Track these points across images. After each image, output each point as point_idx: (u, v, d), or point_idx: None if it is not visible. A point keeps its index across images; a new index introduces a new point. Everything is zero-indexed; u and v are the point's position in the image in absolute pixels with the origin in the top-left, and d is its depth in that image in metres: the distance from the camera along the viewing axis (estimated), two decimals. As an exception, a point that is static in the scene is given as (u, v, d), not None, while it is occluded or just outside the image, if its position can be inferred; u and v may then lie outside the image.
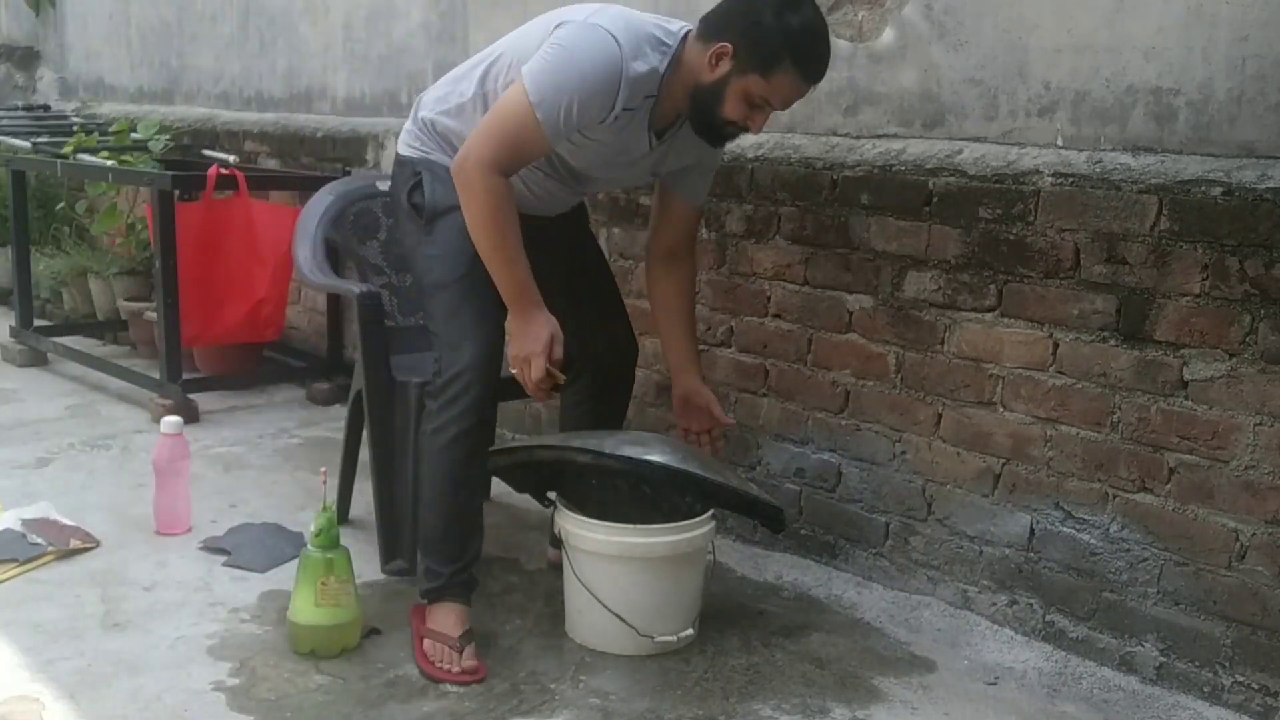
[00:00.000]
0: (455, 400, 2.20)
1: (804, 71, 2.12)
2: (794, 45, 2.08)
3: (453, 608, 2.29)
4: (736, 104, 2.13)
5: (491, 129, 2.13)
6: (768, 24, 2.07)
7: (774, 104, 2.15)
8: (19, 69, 6.44)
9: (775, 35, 2.07)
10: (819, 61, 2.14)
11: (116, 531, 2.86)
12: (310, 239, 2.90)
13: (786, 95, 2.15)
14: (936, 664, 2.37)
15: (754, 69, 2.09)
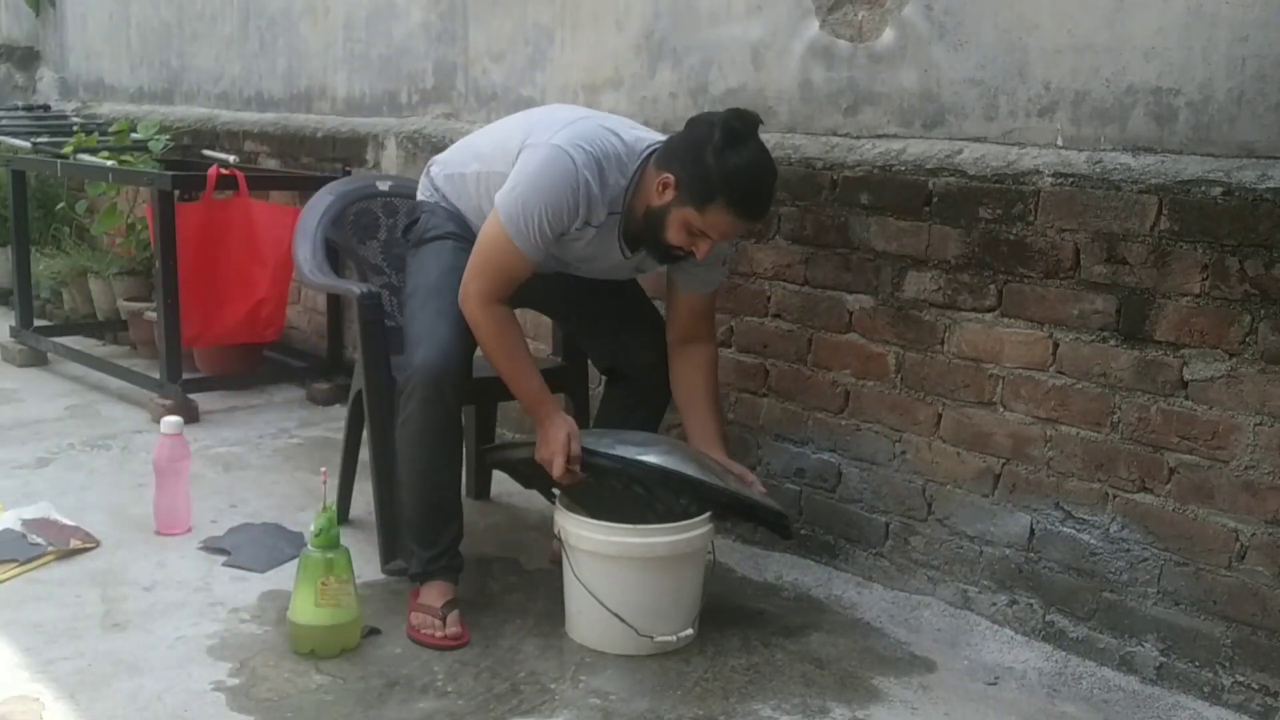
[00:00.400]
0: (411, 395, 2.34)
1: (737, 211, 2.22)
2: (729, 186, 2.18)
3: (438, 584, 2.42)
4: (678, 231, 2.26)
5: (478, 263, 2.33)
6: (707, 162, 2.19)
7: (711, 236, 2.25)
8: (19, 69, 6.44)
9: (713, 174, 2.18)
10: (754, 202, 2.24)
11: (116, 531, 2.86)
12: (310, 239, 2.90)
13: (723, 230, 2.25)
14: (936, 664, 2.37)
15: (691, 202, 2.21)
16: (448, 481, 2.43)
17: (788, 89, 2.81)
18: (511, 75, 3.56)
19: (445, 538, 2.44)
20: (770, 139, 2.81)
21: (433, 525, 2.43)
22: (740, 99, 2.91)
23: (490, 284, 2.33)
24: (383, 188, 3.10)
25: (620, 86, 3.22)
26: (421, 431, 2.36)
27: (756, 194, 2.24)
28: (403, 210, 3.08)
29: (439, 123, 3.83)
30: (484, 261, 2.33)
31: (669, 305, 2.58)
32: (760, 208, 2.27)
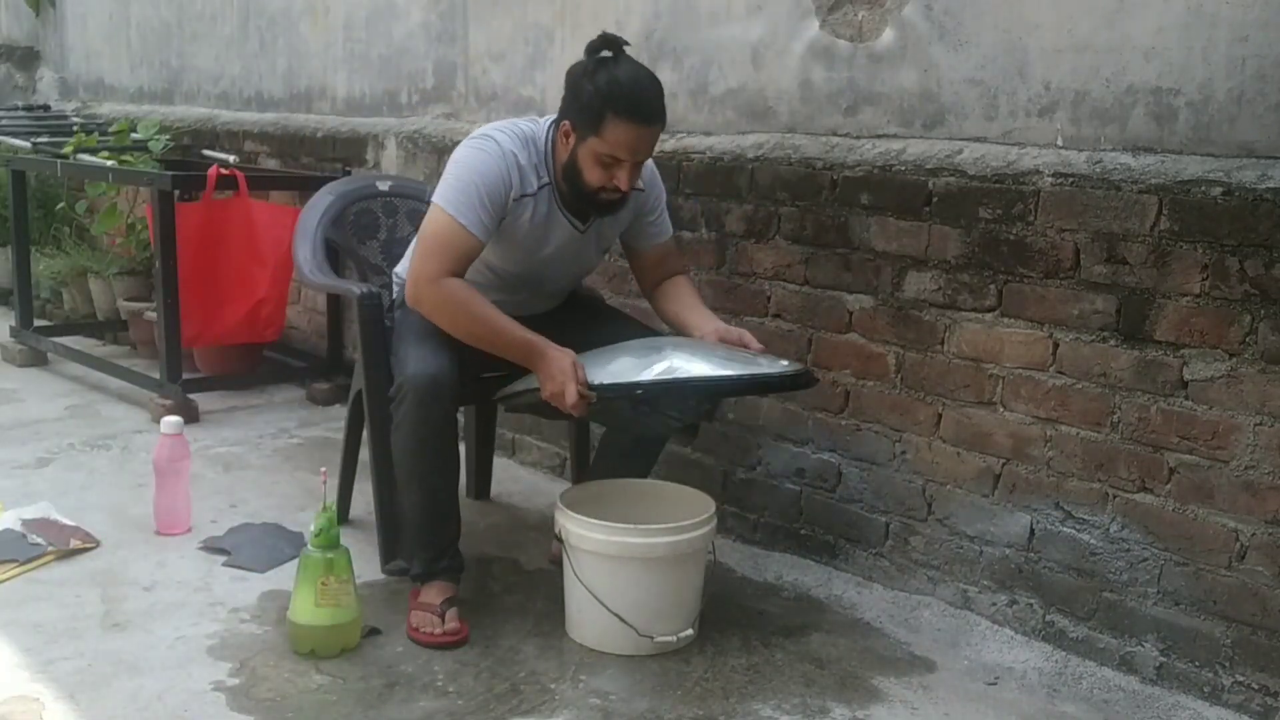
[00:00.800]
0: (404, 400, 2.34)
1: (629, 117, 2.26)
2: (612, 97, 2.26)
3: (437, 584, 2.44)
4: (592, 169, 2.32)
5: (425, 249, 2.37)
6: (585, 89, 2.29)
7: (621, 156, 2.29)
8: (19, 69, 6.44)
9: (593, 97, 2.27)
10: (640, 103, 2.28)
11: (116, 531, 2.86)
12: (310, 239, 2.91)
13: (628, 144, 2.28)
14: (936, 664, 2.37)
15: (589, 131, 2.29)
16: (443, 484, 2.42)
17: (788, 89, 2.81)
18: (511, 75, 3.56)
19: (444, 538, 2.45)
20: (770, 139, 2.83)
21: (430, 527, 2.44)
22: (740, 99, 2.91)
23: (440, 262, 2.34)
24: (383, 188, 3.10)
25: (620, 86, 3.22)
26: (415, 435, 2.35)
27: (639, 96, 2.29)
28: (403, 210, 3.09)
29: (439, 123, 3.83)
30: (430, 245, 2.35)
31: (636, 270, 2.66)
32: (649, 107, 2.30)
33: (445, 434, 2.39)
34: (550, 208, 2.43)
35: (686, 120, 3.05)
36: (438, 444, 2.38)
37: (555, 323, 2.54)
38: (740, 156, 2.87)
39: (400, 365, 2.40)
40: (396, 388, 2.37)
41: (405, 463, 2.41)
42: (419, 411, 2.33)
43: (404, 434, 2.37)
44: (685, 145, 3.01)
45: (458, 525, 2.49)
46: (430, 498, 2.42)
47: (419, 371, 2.33)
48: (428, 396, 2.32)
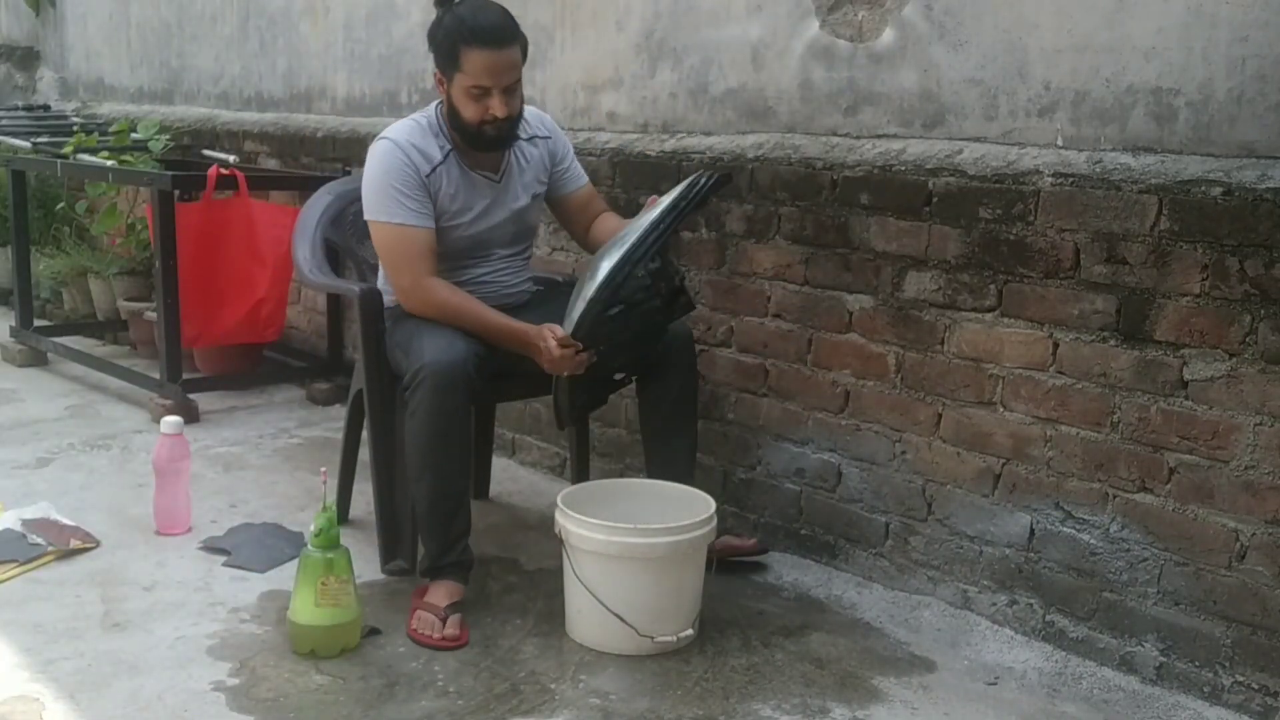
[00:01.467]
0: (420, 385, 2.37)
1: (479, 43, 2.41)
2: (459, 31, 2.42)
3: (445, 584, 2.44)
4: (466, 104, 2.46)
5: (390, 262, 2.55)
6: (437, 34, 2.48)
7: (485, 83, 2.43)
8: (19, 69, 6.44)
9: (448, 35, 2.45)
10: (486, 29, 2.42)
11: (116, 531, 2.86)
12: (309, 239, 2.90)
13: (485, 68, 2.42)
14: (936, 664, 2.37)
15: (452, 69, 2.46)
16: (455, 474, 2.43)
17: (788, 89, 2.81)
18: (511, 75, 3.56)
19: (455, 529, 2.44)
20: (770, 139, 2.83)
21: (442, 516, 2.43)
22: (740, 99, 2.91)
23: (411, 267, 2.50)
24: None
25: (620, 86, 3.22)
26: (431, 422, 2.36)
27: (484, 23, 2.42)
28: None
29: (439, 123, 3.82)
30: (392, 256, 2.53)
31: (566, 222, 2.82)
32: (495, 30, 2.43)
33: (461, 423, 2.41)
34: (460, 169, 2.57)
35: (686, 120, 3.05)
36: (452, 432, 2.39)
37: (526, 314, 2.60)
38: (740, 156, 2.87)
39: (417, 353, 2.41)
40: (413, 374, 2.38)
41: (419, 450, 2.41)
42: (436, 398, 2.34)
43: (419, 421, 2.37)
44: (685, 145, 3.01)
45: (468, 519, 2.48)
46: (442, 487, 2.42)
47: (438, 358, 2.35)
48: (445, 383, 2.34)
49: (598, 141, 3.24)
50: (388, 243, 2.52)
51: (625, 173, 3.14)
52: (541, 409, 3.42)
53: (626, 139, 3.19)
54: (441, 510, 2.43)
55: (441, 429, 2.37)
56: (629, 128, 3.22)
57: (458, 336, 2.43)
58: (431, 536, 2.46)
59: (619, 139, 3.21)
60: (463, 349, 2.39)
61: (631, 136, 3.18)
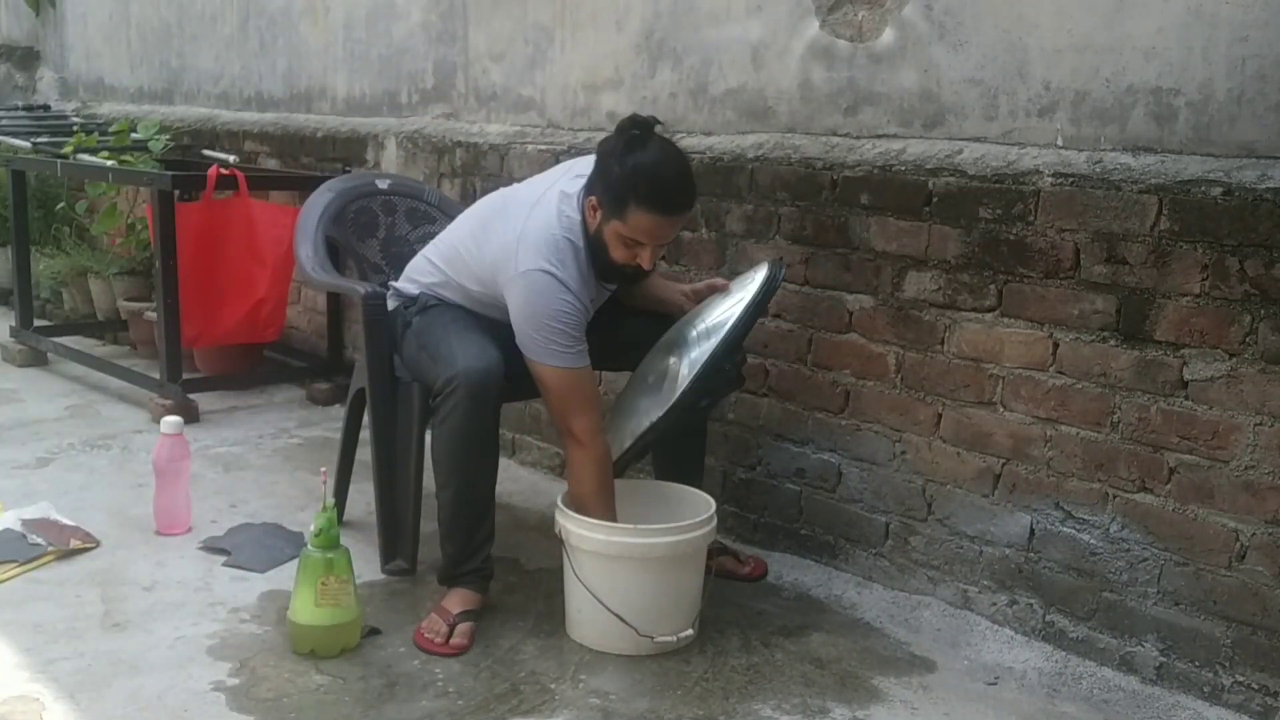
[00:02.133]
0: (453, 394, 2.34)
1: (653, 208, 2.26)
2: (636, 187, 2.25)
3: (462, 592, 2.43)
4: (617, 248, 2.33)
5: (564, 405, 2.36)
6: (614, 171, 2.28)
7: (643, 241, 2.30)
8: (19, 69, 6.44)
9: (619, 181, 2.27)
10: (666, 193, 2.28)
11: (116, 531, 2.86)
12: (311, 237, 2.90)
13: (649, 230, 2.28)
14: (936, 664, 2.37)
15: (614, 214, 2.29)
16: (483, 481, 2.43)
17: (788, 89, 2.81)
18: (511, 75, 3.56)
19: (476, 539, 2.43)
20: (770, 139, 2.83)
21: (466, 524, 2.42)
22: (740, 99, 2.91)
23: (588, 414, 2.36)
24: (382, 186, 3.10)
25: (620, 86, 3.22)
26: (463, 430, 2.34)
27: (666, 186, 2.28)
28: (401, 209, 3.09)
29: (439, 123, 3.83)
30: (569, 401, 2.36)
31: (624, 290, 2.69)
32: (674, 197, 2.30)
33: (492, 430, 2.40)
34: (598, 289, 2.48)
35: (686, 120, 3.05)
36: (483, 440, 2.39)
37: None
38: (740, 156, 2.87)
39: (448, 360, 2.38)
40: (447, 381, 2.35)
41: (449, 457, 2.38)
42: (470, 405, 2.32)
43: (450, 428, 2.35)
44: (685, 145, 3.01)
45: (492, 528, 2.46)
46: (468, 495, 2.41)
47: (472, 366, 2.33)
48: (481, 391, 2.32)
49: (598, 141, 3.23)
50: (561, 388, 2.35)
51: (625, 173, 3.13)
52: (541, 409, 3.42)
53: (626, 139, 3.19)
54: (466, 518, 2.42)
55: (473, 436, 2.36)
56: (629, 128, 3.21)
57: (489, 342, 2.40)
58: (453, 543, 2.44)
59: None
60: (495, 355, 2.37)
61: (631, 136, 3.18)
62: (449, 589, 2.44)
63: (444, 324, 2.50)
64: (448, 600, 2.41)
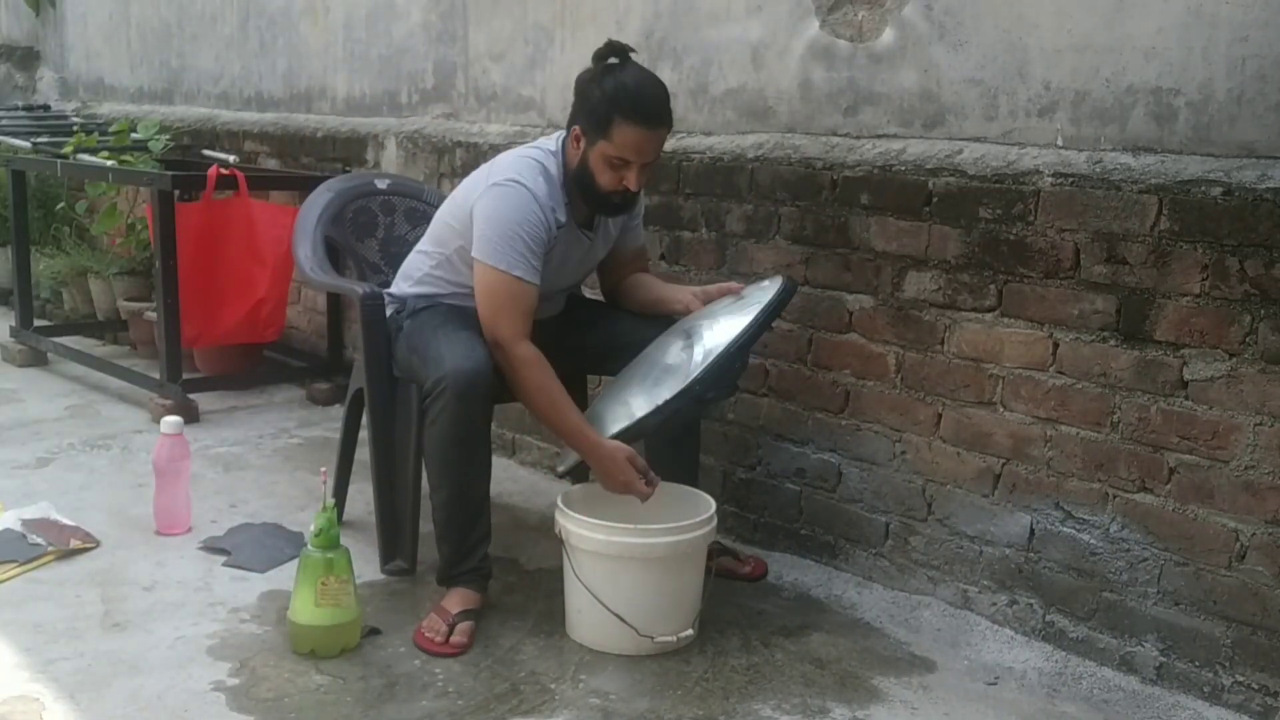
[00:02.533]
0: (442, 394, 2.34)
1: (637, 120, 2.34)
2: (619, 100, 2.34)
3: (462, 591, 2.43)
4: (603, 171, 2.39)
5: (493, 309, 2.40)
6: (593, 94, 2.38)
7: (629, 158, 2.36)
8: (19, 69, 6.44)
9: (603, 101, 2.35)
10: (647, 105, 2.36)
11: (116, 531, 2.86)
12: (310, 237, 2.90)
13: (635, 144, 2.35)
14: (936, 664, 2.37)
15: (599, 136, 2.37)
16: (476, 481, 2.43)
17: (788, 89, 2.81)
18: (511, 75, 3.56)
19: (472, 539, 2.43)
20: (770, 139, 2.83)
21: (461, 524, 2.42)
22: (740, 99, 2.91)
23: (513, 321, 2.39)
24: (381, 186, 3.10)
25: (620, 86, 3.22)
26: (453, 431, 2.34)
27: (646, 97, 2.36)
28: (400, 209, 3.09)
29: (439, 123, 3.83)
30: (497, 304, 2.41)
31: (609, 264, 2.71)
32: (656, 108, 2.37)
33: (482, 430, 2.40)
34: (573, 230, 2.52)
35: (686, 120, 3.05)
36: (474, 440, 2.39)
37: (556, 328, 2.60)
38: (740, 156, 2.87)
39: (436, 361, 2.39)
40: (435, 382, 2.35)
41: (440, 459, 2.39)
42: (459, 406, 2.33)
43: (440, 429, 2.36)
44: (685, 145, 3.01)
45: (488, 527, 2.47)
46: (462, 495, 2.41)
47: (460, 367, 2.33)
48: (469, 391, 2.32)
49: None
50: (497, 290, 2.40)
51: (625, 173, 3.13)
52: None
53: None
54: (461, 518, 2.42)
55: (464, 437, 2.36)
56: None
57: (476, 342, 2.41)
58: (448, 544, 2.44)
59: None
60: (483, 355, 2.37)
61: (631, 136, 3.18)
62: (448, 589, 2.44)
63: (433, 326, 2.51)
64: (447, 600, 2.41)
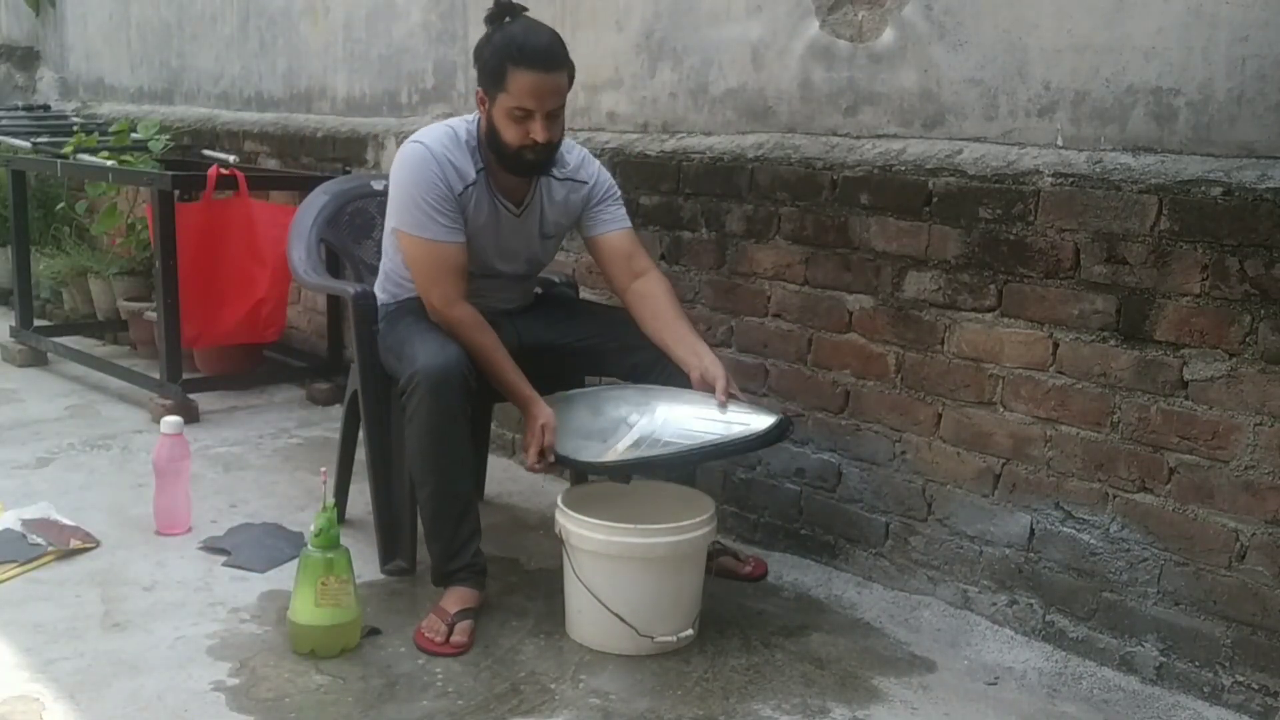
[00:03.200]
0: (415, 390, 2.36)
1: (529, 66, 2.35)
2: (508, 50, 2.35)
3: (457, 590, 2.43)
4: (506, 125, 2.40)
5: (420, 276, 2.49)
6: (484, 51, 2.40)
7: (529, 105, 2.36)
8: (19, 69, 6.45)
9: (493, 54, 2.38)
10: (536, 49, 2.36)
11: (116, 531, 2.86)
12: (305, 239, 2.90)
13: (530, 90, 2.36)
14: (936, 664, 2.37)
15: (497, 90, 2.38)
16: (458, 477, 2.42)
17: (788, 89, 2.81)
18: (511, 75, 3.56)
19: (462, 533, 2.43)
20: (770, 139, 2.83)
21: (449, 522, 2.42)
22: (740, 99, 2.91)
23: (441, 284, 2.45)
24: (377, 187, 3.10)
25: (620, 86, 3.22)
26: (429, 426, 2.35)
27: (534, 44, 2.36)
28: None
29: (439, 123, 3.82)
30: (422, 270, 2.48)
31: (599, 261, 2.67)
32: (545, 53, 2.37)
33: (459, 424, 2.39)
34: (489, 194, 2.52)
35: (686, 120, 3.05)
36: (452, 435, 2.38)
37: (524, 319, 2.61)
38: (740, 156, 2.87)
39: (409, 358, 2.40)
40: (408, 379, 2.37)
41: (420, 456, 2.39)
42: (433, 401, 2.33)
43: (417, 426, 2.36)
44: (685, 145, 3.01)
45: (476, 523, 2.46)
46: (446, 492, 2.41)
47: (431, 362, 2.34)
48: (442, 386, 2.33)
49: (598, 141, 3.24)
50: (416, 257, 2.47)
51: (625, 173, 3.13)
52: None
53: (626, 139, 3.19)
54: (447, 515, 2.42)
55: (441, 433, 2.36)
56: (629, 128, 3.22)
57: (450, 338, 2.43)
58: (438, 542, 2.44)
59: (619, 139, 3.21)
60: (455, 351, 2.38)
61: (631, 136, 3.18)
62: (445, 589, 2.44)
63: (407, 325, 2.52)
64: (445, 600, 2.41)
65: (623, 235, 2.65)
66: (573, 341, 2.66)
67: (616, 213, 2.66)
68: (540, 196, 2.59)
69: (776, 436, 2.35)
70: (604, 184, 2.65)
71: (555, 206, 2.61)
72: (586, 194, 2.62)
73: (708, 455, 2.39)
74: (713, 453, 2.38)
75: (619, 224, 2.65)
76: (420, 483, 2.42)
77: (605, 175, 2.67)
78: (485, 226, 2.54)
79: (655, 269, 2.65)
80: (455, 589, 2.42)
